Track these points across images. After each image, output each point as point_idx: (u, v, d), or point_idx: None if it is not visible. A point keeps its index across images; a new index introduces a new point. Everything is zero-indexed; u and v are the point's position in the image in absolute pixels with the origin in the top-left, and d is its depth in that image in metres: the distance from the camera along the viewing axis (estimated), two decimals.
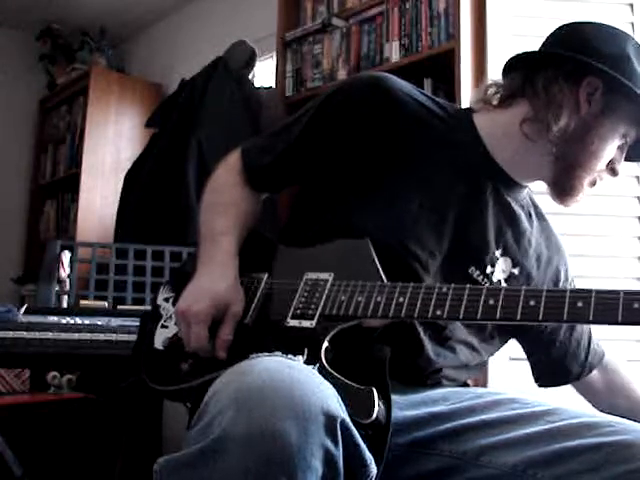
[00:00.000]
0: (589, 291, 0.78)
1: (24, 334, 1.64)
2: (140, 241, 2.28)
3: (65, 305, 2.23)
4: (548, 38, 1.10)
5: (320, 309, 0.92)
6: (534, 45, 1.34)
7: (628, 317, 0.74)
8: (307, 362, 0.85)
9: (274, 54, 2.88)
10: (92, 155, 3.78)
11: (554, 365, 1.15)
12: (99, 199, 3.74)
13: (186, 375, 0.99)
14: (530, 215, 1.11)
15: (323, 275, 0.96)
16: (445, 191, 1.02)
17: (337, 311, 0.91)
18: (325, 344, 0.88)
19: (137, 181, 2.97)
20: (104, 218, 3.55)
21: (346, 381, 0.82)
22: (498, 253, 1.05)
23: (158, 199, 2.81)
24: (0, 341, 1.61)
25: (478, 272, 1.02)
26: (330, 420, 0.68)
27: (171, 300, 1.12)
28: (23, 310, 1.75)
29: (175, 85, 3.11)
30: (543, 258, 1.11)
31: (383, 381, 0.84)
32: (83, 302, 2.12)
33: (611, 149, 1.03)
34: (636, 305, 0.74)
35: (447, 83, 2.16)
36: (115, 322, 1.74)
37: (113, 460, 1.92)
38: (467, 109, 1.13)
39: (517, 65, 1.07)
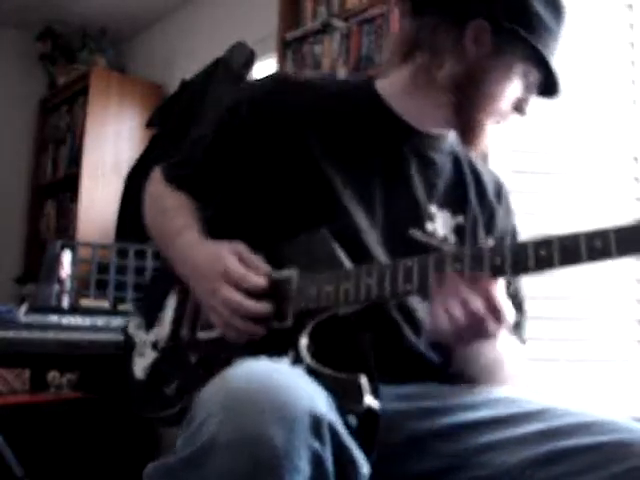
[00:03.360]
0: (550, 238, 0.79)
1: (24, 334, 1.64)
2: (140, 241, 2.29)
3: (65, 305, 2.23)
4: None
5: (292, 307, 0.92)
6: None
7: (592, 256, 0.76)
8: (293, 363, 0.85)
9: (274, 54, 2.88)
10: (92, 155, 3.78)
11: None
12: (99, 199, 3.73)
13: (173, 398, 0.98)
14: (460, 163, 1.11)
15: (287, 272, 0.96)
16: (364, 164, 1.03)
17: (309, 306, 0.91)
18: (304, 340, 0.88)
19: (137, 181, 2.97)
20: (104, 218, 3.55)
21: (332, 373, 0.83)
22: (434, 208, 1.04)
23: None
24: (0, 341, 1.61)
25: (419, 232, 1.02)
26: (316, 422, 0.68)
27: (142, 327, 1.11)
28: (23, 310, 1.75)
29: (175, 85, 3.12)
30: (476, 199, 1.10)
31: (369, 367, 0.85)
32: (83, 302, 2.12)
33: (512, 90, 1.01)
34: (598, 243, 0.75)
35: None
36: (115, 322, 1.74)
37: (113, 460, 1.92)
38: (368, 78, 1.14)
39: (413, 12, 1.07)
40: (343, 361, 0.86)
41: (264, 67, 3.30)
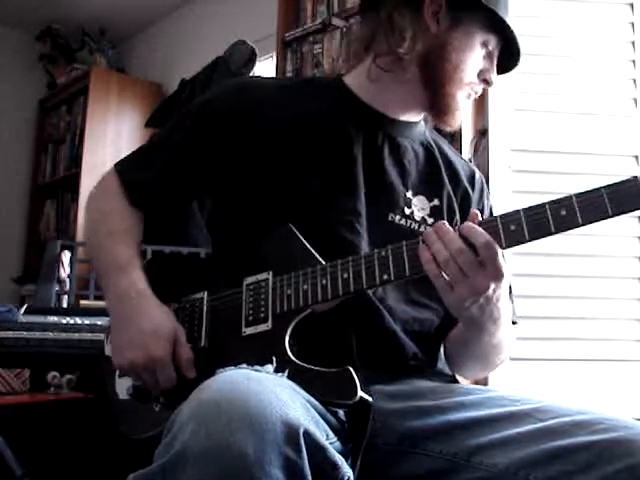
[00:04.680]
0: (517, 212, 0.82)
1: (24, 334, 1.64)
2: None
3: (65, 305, 2.23)
4: None
5: (271, 309, 0.93)
6: (534, 45, 1.33)
7: (560, 225, 0.79)
8: (278, 368, 0.86)
9: (274, 54, 2.88)
10: (92, 155, 3.78)
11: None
12: None
13: (162, 414, 0.97)
14: (432, 150, 1.13)
15: (262, 275, 0.96)
16: (344, 154, 1.04)
17: (288, 306, 0.92)
18: (287, 340, 0.89)
19: None
20: None
21: (320, 369, 0.84)
22: (409, 194, 1.06)
23: None
24: (0, 341, 1.61)
25: (398, 217, 1.04)
26: (290, 429, 0.68)
27: None
28: (23, 310, 1.75)
29: (175, 85, 3.11)
30: (455, 188, 1.12)
31: (353, 361, 0.86)
32: (83, 302, 2.12)
33: (474, 59, 1.05)
34: (563, 212, 0.78)
35: None
36: None
37: (113, 460, 1.92)
38: (338, 76, 1.16)
39: (366, 9, 1.11)
40: (327, 357, 0.87)
41: (264, 67, 3.30)
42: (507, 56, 1.09)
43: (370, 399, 0.82)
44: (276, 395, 0.71)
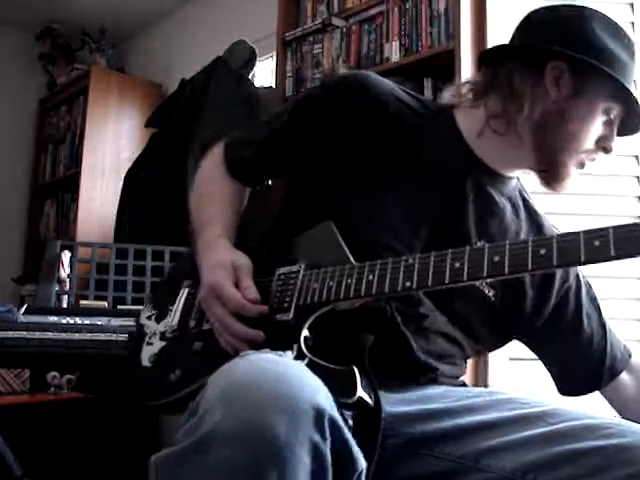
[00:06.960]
0: (550, 238, 0.78)
1: (24, 334, 1.64)
2: (140, 241, 2.28)
3: (65, 305, 2.23)
4: (515, 29, 1.09)
5: (295, 300, 0.94)
6: None
7: (590, 256, 0.75)
8: (297, 357, 0.86)
9: (274, 54, 2.88)
10: (92, 155, 3.78)
11: (569, 370, 1.13)
12: (99, 199, 3.73)
13: (176, 385, 1.00)
14: (518, 208, 1.11)
15: (294, 267, 0.98)
16: (425, 184, 1.02)
17: (311, 299, 0.92)
18: (304, 332, 0.89)
19: (137, 181, 2.97)
20: (104, 218, 3.55)
21: (326, 364, 0.84)
22: (480, 244, 1.03)
23: (158, 199, 2.81)
24: (0, 341, 1.61)
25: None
26: (318, 415, 0.68)
27: (153, 317, 1.14)
28: (23, 310, 1.75)
29: (175, 85, 3.11)
30: None
31: (363, 364, 0.86)
32: (83, 302, 2.12)
33: (595, 128, 1.01)
34: (597, 243, 0.74)
35: (447, 83, 2.15)
36: (115, 322, 1.74)
37: (113, 460, 1.92)
38: (449, 106, 1.12)
39: (487, 60, 1.08)
40: (339, 356, 0.87)
41: (264, 67, 3.30)
42: (629, 119, 1.04)
43: (370, 401, 0.82)
44: (304, 379, 0.71)
